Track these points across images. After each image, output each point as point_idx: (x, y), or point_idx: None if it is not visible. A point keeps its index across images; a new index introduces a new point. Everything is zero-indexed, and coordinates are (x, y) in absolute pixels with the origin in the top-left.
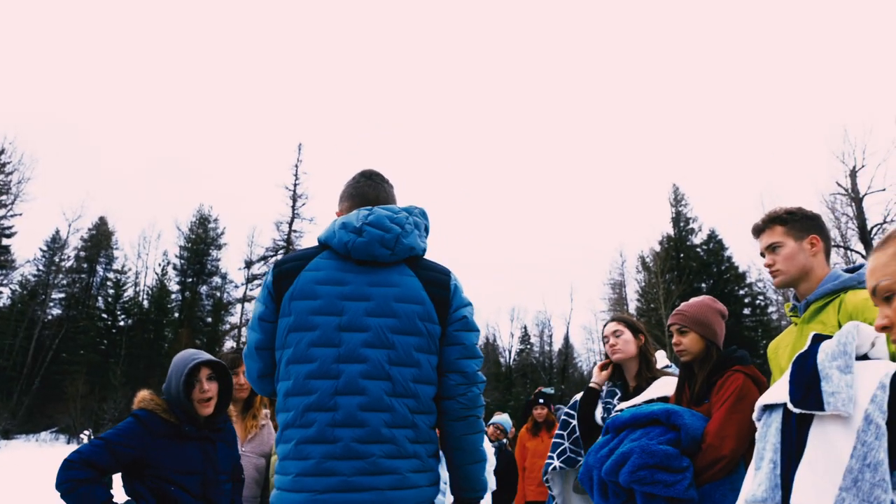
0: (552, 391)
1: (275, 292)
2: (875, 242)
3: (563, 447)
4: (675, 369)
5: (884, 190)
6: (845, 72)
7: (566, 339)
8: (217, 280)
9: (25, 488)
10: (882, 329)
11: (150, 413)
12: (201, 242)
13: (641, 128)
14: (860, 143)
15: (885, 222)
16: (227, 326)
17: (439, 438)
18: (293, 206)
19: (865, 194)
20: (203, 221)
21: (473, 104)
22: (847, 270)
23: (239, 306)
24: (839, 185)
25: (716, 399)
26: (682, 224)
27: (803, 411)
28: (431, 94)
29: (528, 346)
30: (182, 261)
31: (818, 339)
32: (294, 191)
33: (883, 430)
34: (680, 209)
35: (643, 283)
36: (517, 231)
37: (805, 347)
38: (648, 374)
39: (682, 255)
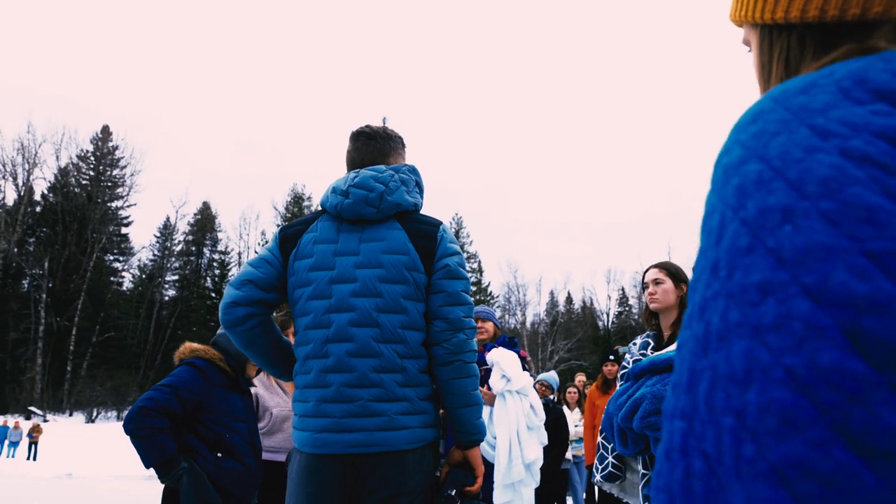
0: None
1: (280, 253)
2: None
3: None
4: None
5: None
6: None
7: None
8: None
9: None
10: None
11: (208, 363)
12: None
13: (735, 68)
14: None
15: None
16: None
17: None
18: None
19: None
20: (297, 200)
21: (563, 65)
22: None
23: None
24: None
25: None
26: None
27: None
28: (517, 59)
29: (627, 308)
30: None
31: None
32: None
33: None
34: None
35: None
36: (608, 189)
37: None
38: None
39: None
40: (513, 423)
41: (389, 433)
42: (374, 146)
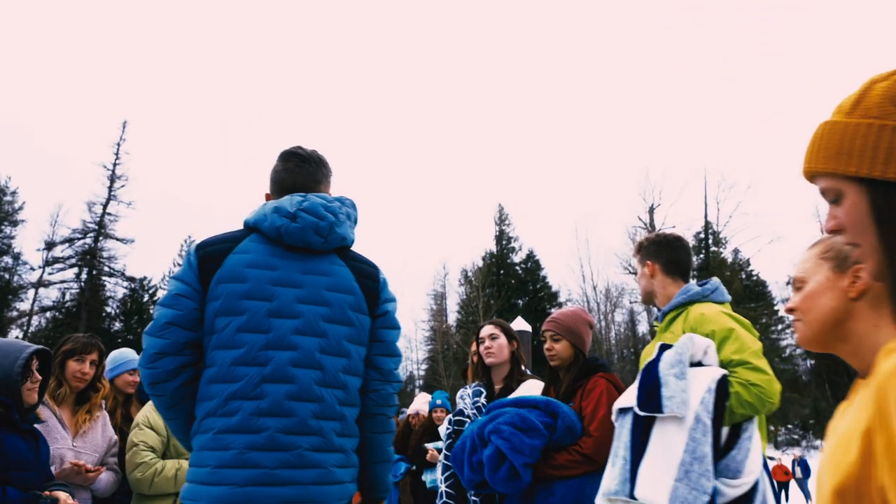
0: None
1: (200, 274)
2: None
3: None
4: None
5: (674, 227)
6: (651, 117)
7: None
8: (7, 260)
9: None
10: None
11: None
12: None
13: (471, 147)
14: (658, 185)
15: None
16: (16, 314)
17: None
18: (110, 187)
19: (660, 230)
20: None
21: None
22: (699, 286)
23: (32, 291)
24: (640, 219)
25: (585, 403)
26: (504, 242)
27: (647, 414)
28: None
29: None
30: None
31: (664, 348)
32: (113, 171)
33: (708, 427)
34: (503, 228)
35: (464, 297)
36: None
37: (653, 356)
38: (519, 376)
39: (502, 271)
40: None
41: (325, 487)
42: (307, 170)
